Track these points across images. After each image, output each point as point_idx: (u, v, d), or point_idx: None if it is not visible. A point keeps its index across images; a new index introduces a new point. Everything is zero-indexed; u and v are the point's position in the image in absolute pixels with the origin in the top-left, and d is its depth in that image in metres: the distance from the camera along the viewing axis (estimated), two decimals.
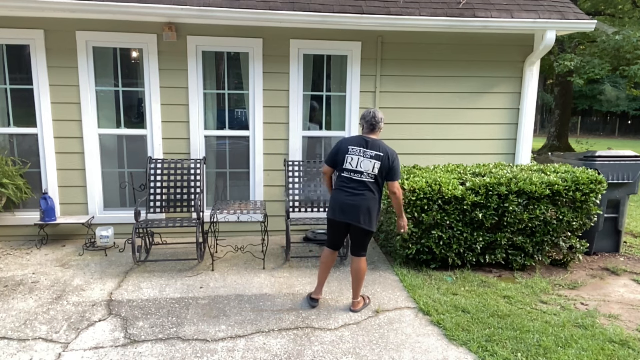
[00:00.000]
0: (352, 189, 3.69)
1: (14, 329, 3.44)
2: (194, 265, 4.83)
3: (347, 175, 3.72)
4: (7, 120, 5.38)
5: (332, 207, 3.76)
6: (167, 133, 5.54)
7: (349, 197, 3.69)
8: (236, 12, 4.96)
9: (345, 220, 3.70)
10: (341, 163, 3.74)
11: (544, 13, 5.45)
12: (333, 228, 3.84)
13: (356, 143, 3.74)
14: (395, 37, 5.68)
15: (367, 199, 3.69)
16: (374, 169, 3.69)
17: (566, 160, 5.59)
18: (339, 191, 3.74)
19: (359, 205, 3.67)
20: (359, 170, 3.69)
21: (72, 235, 5.57)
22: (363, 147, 3.71)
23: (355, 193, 3.68)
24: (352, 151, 3.72)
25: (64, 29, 5.17)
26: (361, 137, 3.78)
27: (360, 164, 3.69)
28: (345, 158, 3.72)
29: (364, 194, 3.70)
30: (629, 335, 3.49)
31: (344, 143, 3.78)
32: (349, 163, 3.72)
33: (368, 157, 3.70)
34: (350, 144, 3.74)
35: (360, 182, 3.69)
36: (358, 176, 3.69)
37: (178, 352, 3.17)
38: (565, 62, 11.24)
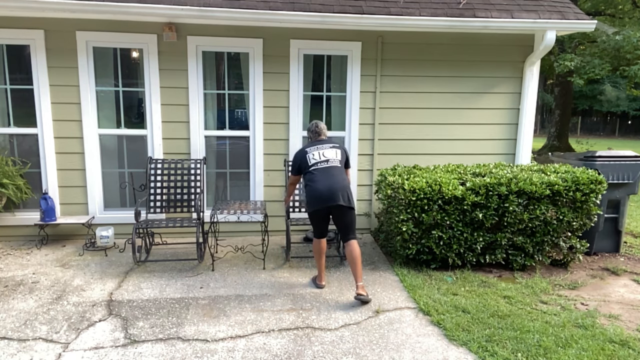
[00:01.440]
0: (324, 176, 4.04)
1: (14, 329, 3.44)
2: (194, 265, 4.83)
3: (316, 167, 4.09)
4: (7, 120, 5.38)
5: (311, 200, 4.05)
6: (167, 133, 5.54)
7: (325, 183, 4.01)
8: (236, 12, 4.96)
9: (328, 204, 3.99)
10: (305, 164, 4.14)
11: (544, 13, 5.45)
12: (318, 218, 4.14)
13: (309, 145, 4.23)
14: (395, 37, 5.68)
15: (342, 179, 4.08)
16: (337, 155, 4.18)
17: (566, 160, 5.59)
18: (312, 184, 4.05)
19: (335, 186, 4.00)
20: (324, 159, 4.12)
21: (72, 235, 5.57)
22: (317, 145, 4.21)
23: (329, 177, 4.04)
24: (310, 150, 4.17)
25: (64, 29, 5.17)
26: (313, 142, 4.27)
27: (322, 153, 4.13)
28: (307, 158, 4.14)
29: (336, 176, 4.08)
30: (629, 335, 3.49)
31: (300, 151, 4.22)
32: (312, 158, 4.13)
33: (327, 148, 4.18)
34: (305, 148, 4.22)
35: (330, 167, 4.09)
36: (325, 163, 4.10)
37: (178, 352, 3.17)
38: (565, 62, 11.24)
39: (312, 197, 4.05)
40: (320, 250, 4.25)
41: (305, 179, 4.16)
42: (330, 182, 4.02)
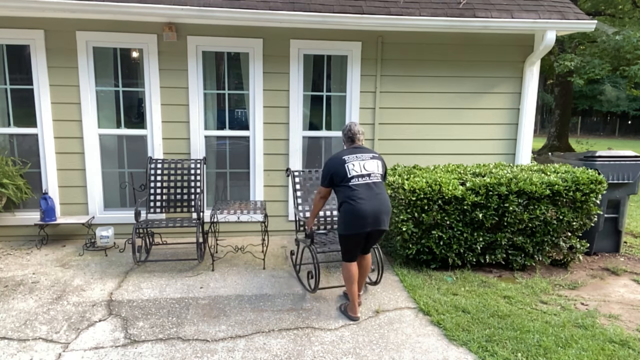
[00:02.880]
0: (368, 194, 3.49)
1: (14, 329, 3.44)
2: (194, 265, 4.83)
3: (357, 182, 3.51)
4: (7, 120, 5.38)
5: (350, 221, 3.48)
6: (167, 133, 5.54)
7: (371, 204, 3.46)
8: (236, 12, 4.96)
9: (372, 229, 3.49)
10: (343, 175, 3.54)
11: (544, 13, 5.45)
12: (354, 242, 3.59)
13: (347, 153, 3.64)
14: (395, 37, 5.68)
15: (387, 198, 3.58)
16: (379, 168, 3.63)
17: (566, 160, 5.59)
18: (354, 203, 3.46)
19: (382, 208, 3.50)
20: (366, 172, 3.55)
21: (72, 235, 5.57)
22: (357, 153, 3.63)
23: (373, 195, 3.50)
24: (349, 159, 3.58)
25: (64, 29, 5.17)
26: (349, 148, 3.71)
27: (363, 166, 3.56)
28: (346, 168, 3.54)
29: (382, 194, 3.56)
30: (629, 335, 3.49)
31: (335, 158, 3.64)
32: (352, 170, 3.53)
33: (368, 158, 3.61)
34: (342, 155, 3.62)
35: (373, 183, 3.54)
36: (367, 178, 3.54)
37: (178, 352, 3.17)
38: (565, 62, 11.24)
39: (353, 218, 3.46)
40: (353, 277, 3.65)
41: (342, 194, 3.55)
42: (376, 202, 3.48)
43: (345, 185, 3.52)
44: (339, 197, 3.59)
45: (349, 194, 3.49)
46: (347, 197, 3.50)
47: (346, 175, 3.52)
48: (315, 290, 4.04)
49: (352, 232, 3.52)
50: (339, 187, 3.57)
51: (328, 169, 3.62)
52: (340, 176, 3.54)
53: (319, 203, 3.79)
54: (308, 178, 4.83)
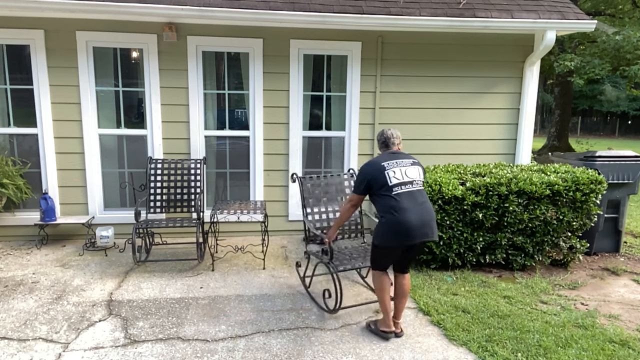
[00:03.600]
0: (412, 203, 3.22)
1: (14, 329, 3.44)
2: (194, 265, 4.83)
3: (399, 190, 3.23)
4: (7, 120, 5.38)
5: (393, 233, 3.20)
6: (167, 133, 5.54)
7: (415, 214, 3.19)
8: (236, 12, 4.96)
9: (416, 240, 3.23)
10: (382, 183, 3.24)
11: (544, 13, 5.45)
12: (393, 254, 3.35)
13: (386, 159, 3.34)
14: (395, 37, 5.68)
15: (431, 207, 3.32)
16: (420, 175, 3.37)
17: (566, 160, 5.59)
18: (397, 214, 3.17)
19: (428, 217, 3.25)
20: (409, 180, 3.27)
21: (72, 235, 5.57)
22: (396, 159, 3.34)
23: (418, 204, 3.24)
24: (388, 166, 3.28)
25: (64, 29, 5.17)
26: (384, 154, 3.42)
27: (405, 173, 3.28)
28: (386, 175, 3.24)
29: (427, 202, 3.31)
30: (629, 335, 3.49)
31: (373, 164, 3.33)
32: (393, 177, 3.25)
33: (409, 165, 3.34)
34: (381, 161, 3.32)
35: (416, 191, 3.28)
36: (409, 186, 3.26)
37: (178, 352, 3.17)
38: (565, 62, 11.23)
39: (397, 229, 3.18)
40: (386, 286, 3.37)
41: (382, 204, 3.25)
42: (421, 212, 3.22)
43: (386, 195, 3.23)
44: (379, 207, 3.29)
45: (392, 204, 3.20)
46: (389, 207, 3.20)
47: (386, 183, 3.23)
48: (336, 311, 3.68)
49: (394, 245, 3.25)
50: (378, 196, 3.27)
51: (364, 175, 3.31)
52: (379, 184, 3.25)
53: (348, 212, 3.49)
54: (317, 184, 4.43)
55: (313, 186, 4.40)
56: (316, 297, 4.04)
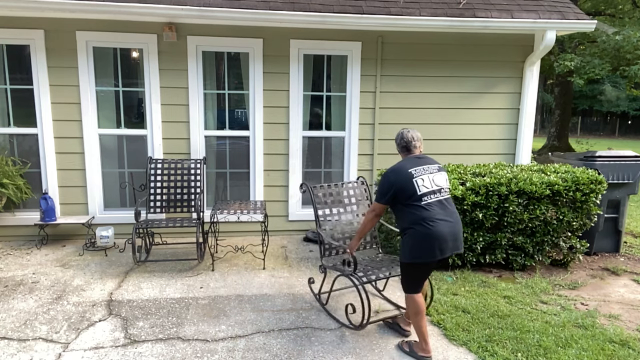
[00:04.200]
0: (444, 214, 3.02)
1: (14, 329, 3.44)
2: (194, 265, 4.83)
3: (429, 201, 3.01)
4: (7, 120, 5.38)
5: (424, 247, 2.99)
6: (167, 133, 5.54)
7: (446, 224, 3.00)
8: (236, 12, 4.96)
9: (448, 253, 3.04)
10: (411, 192, 3.01)
11: (544, 13, 5.45)
12: (425, 271, 3.14)
13: (412, 164, 3.10)
14: (395, 37, 5.68)
15: (459, 216, 3.14)
16: (447, 181, 3.17)
17: (566, 160, 5.59)
18: (428, 225, 2.96)
19: (459, 228, 3.07)
20: (437, 188, 3.07)
21: (72, 235, 5.57)
22: (422, 165, 3.11)
23: (449, 215, 3.05)
24: (416, 172, 3.04)
25: (64, 29, 5.17)
26: (409, 159, 3.18)
27: (433, 180, 3.07)
28: (415, 184, 3.01)
29: (455, 212, 3.12)
30: (629, 335, 3.49)
31: (399, 171, 3.08)
32: (422, 186, 3.02)
33: (436, 171, 3.12)
34: (408, 167, 3.08)
35: (445, 200, 3.09)
36: (438, 195, 3.06)
37: (178, 352, 3.17)
38: (565, 62, 11.23)
39: (429, 242, 2.96)
40: (422, 309, 3.12)
41: (410, 215, 3.02)
42: (453, 222, 3.03)
43: (416, 205, 3.00)
44: (405, 218, 3.05)
45: (423, 215, 2.98)
46: (419, 219, 2.98)
47: (415, 193, 3.00)
48: (363, 326, 3.45)
49: (428, 260, 3.01)
50: (406, 206, 3.03)
51: (391, 184, 3.06)
52: (407, 193, 3.01)
53: (372, 222, 3.28)
54: (328, 193, 4.12)
55: (325, 195, 4.11)
56: (334, 312, 3.79)
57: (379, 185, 3.17)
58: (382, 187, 3.12)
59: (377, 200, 3.18)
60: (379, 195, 3.15)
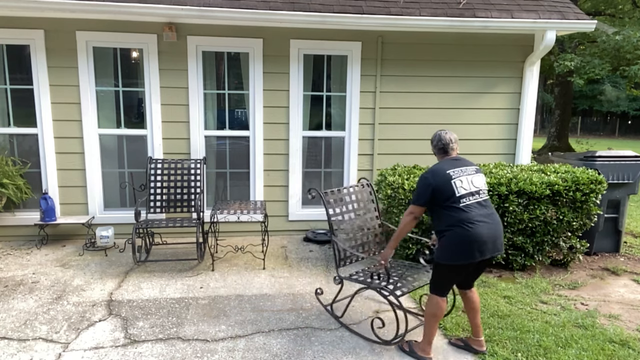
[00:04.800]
0: (484, 216, 2.99)
1: (14, 329, 3.44)
2: (194, 265, 4.83)
3: (468, 202, 2.99)
4: (7, 120, 5.38)
5: (464, 249, 2.95)
6: (167, 133, 5.54)
7: (485, 225, 2.97)
8: (236, 12, 4.96)
9: (488, 255, 2.99)
10: (450, 194, 2.98)
11: (544, 13, 5.45)
12: (461, 272, 3.07)
13: (450, 166, 3.07)
14: (395, 37, 5.68)
15: (499, 218, 3.11)
16: (485, 183, 3.13)
17: (566, 160, 5.59)
18: (470, 226, 2.93)
19: (499, 229, 3.04)
20: (476, 189, 3.04)
21: (72, 235, 5.57)
22: (461, 166, 3.08)
23: (489, 217, 3.01)
24: (454, 174, 3.02)
25: (64, 29, 5.17)
26: (446, 161, 3.15)
27: (471, 182, 3.04)
28: (453, 185, 2.98)
29: (495, 213, 3.09)
30: (629, 335, 3.49)
31: (437, 172, 3.05)
32: (461, 187, 2.99)
33: (474, 172, 3.09)
34: (446, 169, 3.05)
35: (484, 201, 3.06)
36: (477, 196, 3.03)
37: (178, 352, 3.17)
38: (565, 62, 11.23)
39: (469, 245, 2.93)
40: (441, 314, 3.10)
41: (449, 217, 2.98)
42: (492, 224, 3.00)
43: (454, 207, 2.97)
44: (443, 220, 3.01)
45: (461, 216, 2.95)
46: (458, 220, 2.95)
47: (454, 194, 2.98)
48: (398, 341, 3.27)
49: (465, 262, 2.97)
50: (444, 207, 3.00)
51: (428, 184, 3.02)
52: (445, 195, 2.98)
53: (409, 226, 3.16)
54: (339, 199, 3.90)
55: (336, 201, 3.86)
56: (354, 326, 3.58)
57: (417, 187, 3.12)
58: (420, 188, 3.07)
59: (414, 202, 3.11)
60: (417, 197, 3.09)
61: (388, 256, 3.27)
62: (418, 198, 3.08)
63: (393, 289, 3.24)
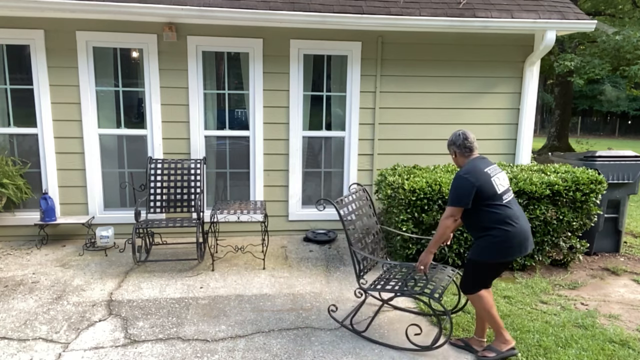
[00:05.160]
0: (519, 210, 3.09)
1: (14, 329, 3.44)
2: (194, 265, 4.83)
3: (508, 199, 3.05)
4: (7, 120, 5.38)
5: (507, 247, 2.99)
6: (167, 133, 5.54)
7: (525, 221, 3.06)
8: (236, 12, 4.96)
9: (528, 251, 3.10)
10: (492, 192, 2.98)
11: (544, 13, 5.45)
12: (499, 270, 3.18)
13: (484, 164, 3.09)
14: (395, 37, 5.68)
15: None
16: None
17: (566, 160, 5.59)
18: (515, 224, 2.99)
19: (529, 228, 3.11)
20: (507, 189, 3.10)
21: (72, 235, 5.57)
22: (490, 165, 3.13)
23: (522, 214, 3.11)
24: (491, 171, 3.05)
25: (64, 29, 5.17)
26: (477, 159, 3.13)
27: (503, 181, 3.10)
28: (494, 183, 3.00)
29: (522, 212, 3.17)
30: (629, 335, 3.49)
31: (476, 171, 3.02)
32: (500, 185, 3.04)
33: (499, 170, 3.16)
34: (483, 167, 3.06)
35: (515, 199, 3.14)
36: (510, 194, 3.10)
37: (178, 352, 3.17)
38: (565, 62, 11.23)
39: (516, 241, 2.99)
40: (492, 302, 3.16)
41: (494, 215, 2.98)
42: (526, 223, 3.08)
43: (498, 204, 2.98)
44: (486, 218, 3.00)
45: (507, 213, 2.99)
46: (505, 217, 2.97)
47: (496, 192, 2.99)
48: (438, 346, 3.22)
49: (510, 259, 3.06)
50: (487, 206, 2.98)
51: (472, 185, 2.96)
52: (488, 194, 2.97)
53: (450, 229, 3.09)
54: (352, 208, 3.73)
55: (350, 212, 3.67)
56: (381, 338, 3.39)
57: (457, 189, 3.03)
58: (463, 189, 2.99)
59: (455, 204, 3.02)
60: (458, 199, 3.01)
61: (429, 261, 3.18)
62: (460, 199, 3.00)
63: (431, 293, 3.18)
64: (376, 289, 3.38)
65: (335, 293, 4.18)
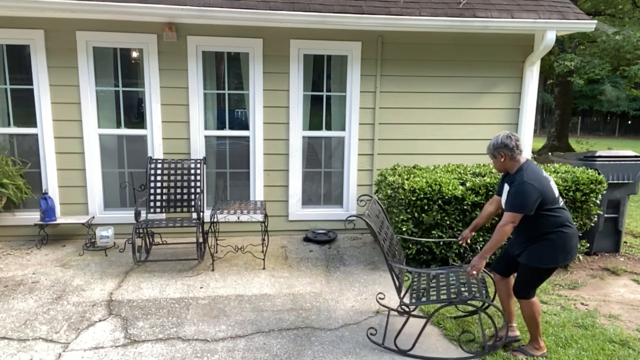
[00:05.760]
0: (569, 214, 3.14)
1: (14, 329, 3.44)
2: (194, 265, 4.83)
3: (561, 204, 3.07)
4: (7, 120, 5.38)
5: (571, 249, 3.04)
6: (167, 133, 5.54)
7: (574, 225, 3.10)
8: (236, 12, 4.96)
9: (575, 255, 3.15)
10: (552, 196, 3.01)
11: (544, 13, 5.45)
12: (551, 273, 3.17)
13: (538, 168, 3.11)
14: (395, 37, 5.68)
15: None
16: None
17: (566, 160, 5.59)
18: (572, 226, 3.04)
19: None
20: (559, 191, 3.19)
21: (72, 235, 5.57)
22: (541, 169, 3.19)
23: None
24: (547, 175, 3.10)
25: (64, 29, 5.17)
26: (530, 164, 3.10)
27: (554, 183, 3.12)
28: (552, 186, 3.04)
29: None
30: (629, 335, 3.49)
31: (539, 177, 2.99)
32: (555, 189, 3.07)
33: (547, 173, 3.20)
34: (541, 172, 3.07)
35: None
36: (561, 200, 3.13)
37: (178, 352, 3.17)
38: (565, 62, 11.23)
39: (570, 245, 3.02)
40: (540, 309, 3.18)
41: (554, 219, 2.99)
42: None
43: (557, 208, 3.01)
44: (547, 222, 2.99)
45: (566, 216, 3.03)
46: (565, 220, 3.01)
47: (555, 196, 3.01)
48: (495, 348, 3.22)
49: (568, 262, 3.13)
50: (546, 210, 2.98)
51: (536, 190, 2.93)
52: (549, 198, 2.98)
53: (507, 235, 3.04)
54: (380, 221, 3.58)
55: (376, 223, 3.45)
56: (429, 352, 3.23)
57: (524, 196, 2.94)
58: (529, 196, 2.93)
59: (518, 210, 2.96)
60: (523, 205, 2.95)
61: (482, 267, 3.12)
62: (524, 206, 2.94)
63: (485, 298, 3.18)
64: (421, 302, 3.26)
65: (335, 293, 4.18)
